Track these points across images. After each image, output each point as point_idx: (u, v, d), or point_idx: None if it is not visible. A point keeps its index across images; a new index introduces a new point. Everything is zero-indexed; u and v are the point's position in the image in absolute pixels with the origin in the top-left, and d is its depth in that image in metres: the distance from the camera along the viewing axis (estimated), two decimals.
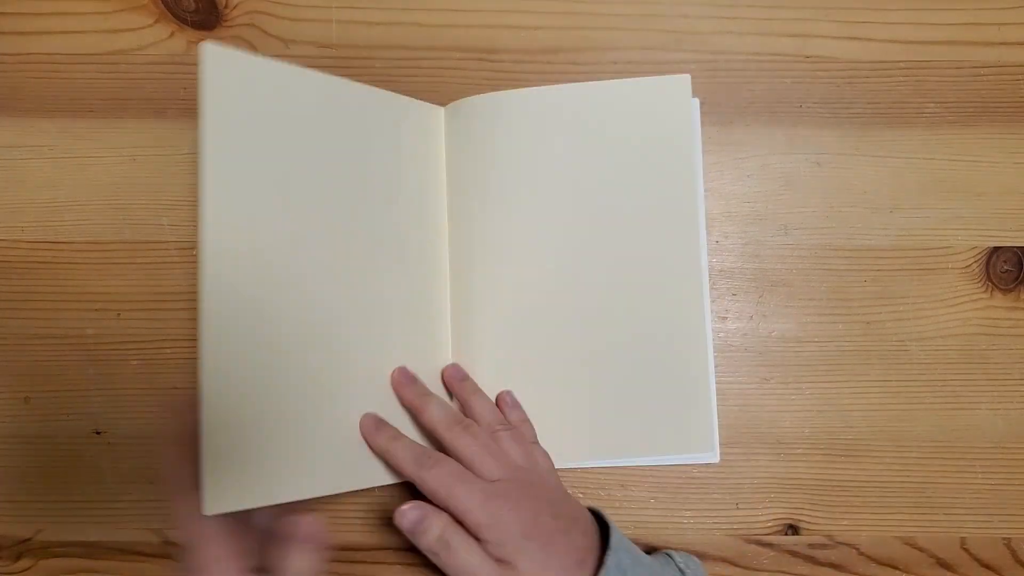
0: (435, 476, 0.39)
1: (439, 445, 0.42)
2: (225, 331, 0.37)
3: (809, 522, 0.46)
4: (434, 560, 0.38)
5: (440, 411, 0.42)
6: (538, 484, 0.41)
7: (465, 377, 0.45)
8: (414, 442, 0.41)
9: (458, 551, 0.37)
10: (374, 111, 0.45)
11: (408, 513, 0.39)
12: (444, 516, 0.38)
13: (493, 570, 0.37)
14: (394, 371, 0.43)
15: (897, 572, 0.46)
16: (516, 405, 0.45)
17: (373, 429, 0.42)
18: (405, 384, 0.43)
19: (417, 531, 0.38)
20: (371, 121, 0.45)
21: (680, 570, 0.41)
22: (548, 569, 0.38)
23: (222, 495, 0.36)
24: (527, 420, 0.45)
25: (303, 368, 0.41)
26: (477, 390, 0.44)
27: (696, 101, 0.48)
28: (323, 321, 0.42)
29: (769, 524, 0.46)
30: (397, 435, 0.42)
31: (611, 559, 0.38)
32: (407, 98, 0.46)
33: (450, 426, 0.41)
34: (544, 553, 0.38)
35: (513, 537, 0.38)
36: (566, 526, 0.40)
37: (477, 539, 0.38)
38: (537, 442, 0.44)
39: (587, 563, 0.39)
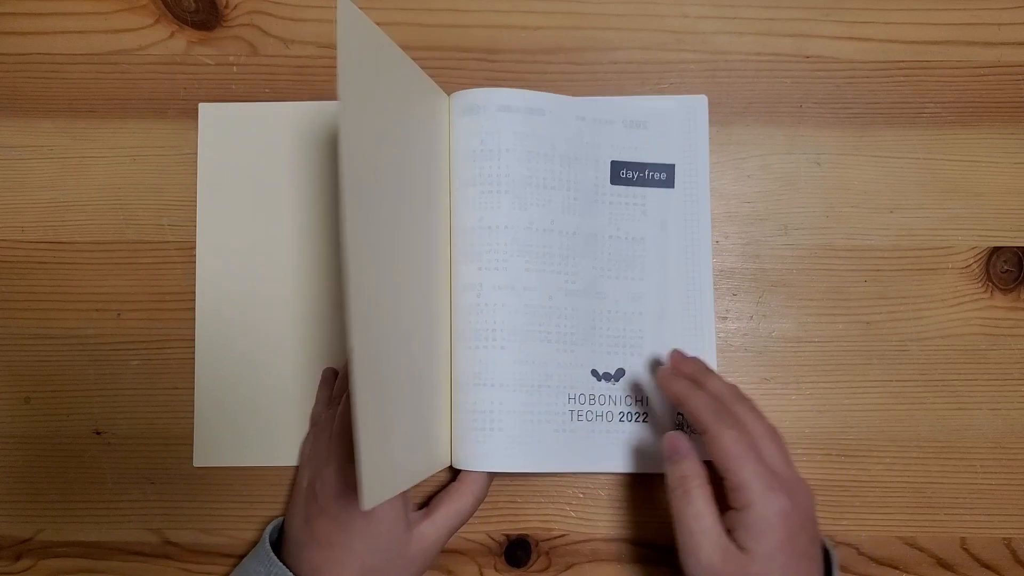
0: (732, 436, 0.37)
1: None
2: (369, 315, 0.36)
3: None
4: (670, 495, 0.39)
5: (721, 387, 0.41)
6: (805, 502, 0.38)
7: (713, 378, 0.42)
8: (714, 397, 0.40)
9: (695, 502, 0.37)
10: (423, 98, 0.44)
11: (677, 440, 0.39)
12: (700, 465, 0.38)
13: (719, 540, 0.36)
14: (671, 352, 0.45)
15: (897, 572, 0.46)
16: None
17: (670, 375, 0.42)
18: (681, 361, 0.44)
19: (672, 459, 0.39)
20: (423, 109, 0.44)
21: None
22: None
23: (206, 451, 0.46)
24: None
25: (297, 343, 0.47)
26: (741, 397, 0.41)
27: (703, 98, 0.48)
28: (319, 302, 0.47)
29: None
30: (695, 386, 0.40)
31: None
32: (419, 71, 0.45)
33: (720, 414, 0.39)
34: (782, 572, 0.36)
35: (769, 540, 0.36)
36: (815, 553, 0.37)
37: (730, 509, 0.37)
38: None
39: None
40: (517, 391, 0.43)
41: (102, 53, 0.49)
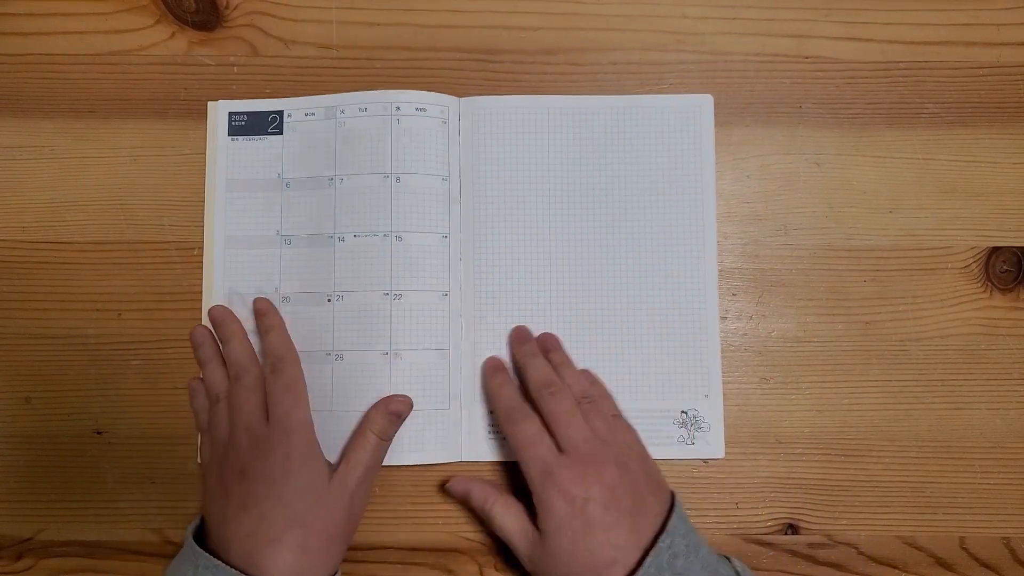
0: (515, 432, 0.42)
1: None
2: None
3: (809, 522, 0.47)
4: (485, 520, 0.43)
5: (538, 371, 0.44)
6: (613, 458, 0.41)
7: (557, 348, 0.46)
8: (517, 395, 0.44)
9: (496, 519, 0.42)
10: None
11: (455, 485, 0.45)
12: (487, 488, 0.44)
13: (528, 534, 0.41)
14: (513, 328, 0.47)
15: (896, 571, 0.46)
16: (596, 381, 0.46)
17: (491, 371, 0.46)
18: (517, 341, 0.46)
19: (466, 500, 0.44)
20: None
21: (737, 572, 0.40)
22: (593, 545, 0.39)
23: None
24: (608, 395, 0.46)
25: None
26: (567, 362, 0.46)
27: (709, 97, 0.48)
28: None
29: (769, 524, 0.47)
30: (508, 382, 0.45)
31: (664, 541, 0.39)
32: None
33: (541, 387, 0.43)
34: (571, 543, 0.39)
35: (552, 519, 0.40)
36: (637, 508, 0.40)
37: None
38: (619, 415, 0.45)
39: (642, 541, 0.39)
40: None
41: (102, 53, 0.49)
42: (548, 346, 0.46)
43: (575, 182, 0.48)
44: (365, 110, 0.47)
